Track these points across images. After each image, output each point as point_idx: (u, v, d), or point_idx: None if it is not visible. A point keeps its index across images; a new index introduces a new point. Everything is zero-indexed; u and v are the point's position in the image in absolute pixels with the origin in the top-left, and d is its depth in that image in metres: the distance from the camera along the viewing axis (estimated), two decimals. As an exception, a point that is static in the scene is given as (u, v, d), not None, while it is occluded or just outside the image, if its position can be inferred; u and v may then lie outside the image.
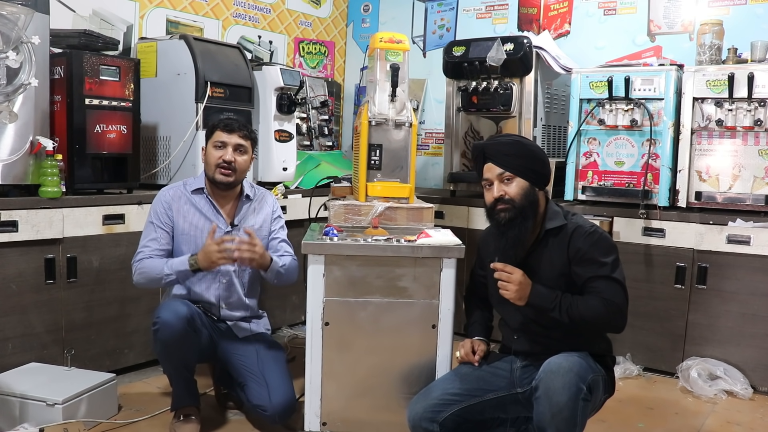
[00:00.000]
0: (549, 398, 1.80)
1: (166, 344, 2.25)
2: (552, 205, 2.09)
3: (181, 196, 2.49)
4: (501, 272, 1.96)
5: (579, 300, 1.94)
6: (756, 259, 2.92)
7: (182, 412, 2.37)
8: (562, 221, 2.03)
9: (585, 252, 1.96)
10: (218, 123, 2.48)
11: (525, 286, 1.95)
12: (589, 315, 1.92)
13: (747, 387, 2.92)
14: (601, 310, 1.92)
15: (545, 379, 1.83)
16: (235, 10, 4.11)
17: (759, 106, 2.91)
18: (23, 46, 2.45)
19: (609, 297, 1.93)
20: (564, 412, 1.78)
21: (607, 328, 2.03)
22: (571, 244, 1.98)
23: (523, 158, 2.03)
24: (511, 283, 1.94)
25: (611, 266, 1.96)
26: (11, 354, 2.57)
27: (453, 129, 3.78)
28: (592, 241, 1.97)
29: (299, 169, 3.79)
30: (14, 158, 2.52)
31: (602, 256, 1.96)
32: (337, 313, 2.26)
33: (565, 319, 1.93)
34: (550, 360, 1.89)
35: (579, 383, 1.81)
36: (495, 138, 2.20)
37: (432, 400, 2.04)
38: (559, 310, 1.93)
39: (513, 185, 2.00)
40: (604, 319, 1.94)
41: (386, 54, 2.58)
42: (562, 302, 1.94)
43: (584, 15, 4.00)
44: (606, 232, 2.04)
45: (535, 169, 2.03)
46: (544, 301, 1.95)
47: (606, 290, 1.94)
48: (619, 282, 1.96)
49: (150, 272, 2.36)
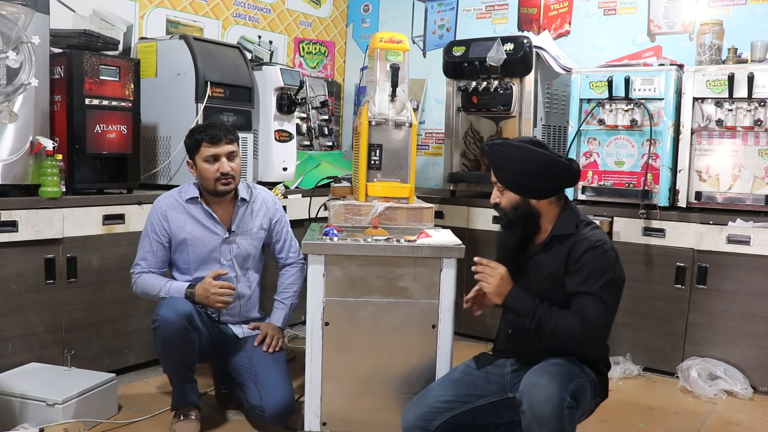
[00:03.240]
0: (533, 412, 1.78)
1: (165, 341, 2.25)
2: (568, 210, 2.02)
3: (177, 205, 2.50)
4: (485, 266, 1.96)
5: (557, 313, 1.89)
6: (756, 259, 2.92)
7: (182, 412, 2.37)
8: (571, 229, 1.96)
9: (582, 265, 1.89)
10: (200, 137, 2.43)
11: (506, 283, 1.95)
12: (560, 330, 1.87)
13: (747, 387, 2.91)
14: (573, 327, 1.86)
15: (527, 393, 1.81)
16: (235, 10, 4.11)
17: (759, 106, 2.91)
18: (23, 46, 2.45)
19: (589, 315, 1.85)
20: (550, 423, 1.76)
21: (575, 347, 1.91)
22: (571, 254, 1.93)
23: (515, 174, 1.98)
24: (492, 277, 1.94)
25: (602, 284, 1.87)
26: (11, 354, 2.57)
27: (453, 129, 3.78)
28: (593, 255, 1.89)
29: (299, 169, 3.79)
30: (14, 158, 2.52)
31: (597, 273, 1.88)
32: (337, 313, 2.26)
33: (533, 326, 1.89)
34: (531, 371, 1.87)
35: (561, 394, 1.78)
36: (499, 143, 2.05)
37: (424, 407, 2.04)
38: (531, 317, 1.89)
39: (505, 196, 2.02)
40: (575, 337, 1.86)
41: (386, 54, 2.58)
42: (537, 310, 1.90)
43: (584, 15, 4.00)
44: (613, 251, 1.93)
45: (527, 185, 1.97)
46: (521, 305, 1.93)
47: (588, 307, 1.86)
48: (605, 302, 1.86)
49: (148, 290, 2.45)
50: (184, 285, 2.41)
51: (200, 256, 2.49)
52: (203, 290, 2.36)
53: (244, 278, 2.56)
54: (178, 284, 2.42)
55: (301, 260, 2.64)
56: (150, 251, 2.48)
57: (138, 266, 2.49)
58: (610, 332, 1.96)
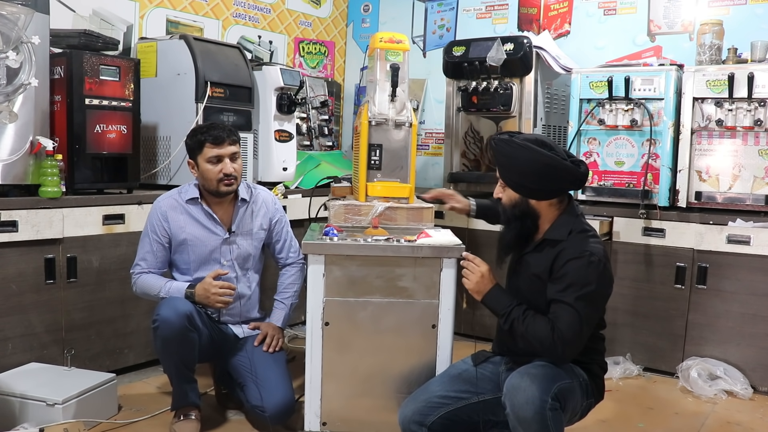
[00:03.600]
0: (516, 415, 1.79)
1: (166, 341, 2.25)
2: (568, 215, 1.99)
3: (177, 206, 2.50)
4: (469, 262, 2.01)
5: (530, 318, 1.89)
6: (756, 259, 2.92)
7: (182, 412, 2.38)
8: (562, 236, 1.94)
9: (562, 274, 1.87)
10: (203, 137, 2.42)
11: (486, 282, 1.98)
12: (531, 334, 1.87)
13: (747, 387, 2.92)
14: (543, 334, 1.85)
15: (509, 395, 1.82)
16: (235, 10, 4.11)
17: (759, 106, 2.91)
18: (23, 46, 2.45)
19: (560, 325, 1.84)
20: (533, 426, 1.77)
21: (545, 354, 1.89)
22: (557, 260, 1.91)
23: (516, 173, 1.98)
24: (474, 274, 1.98)
25: (579, 296, 1.83)
26: (11, 354, 2.57)
27: (453, 129, 3.78)
28: (576, 265, 1.86)
29: (299, 169, 3.79)
30: (14, 158, 2.52)
31: (575, 283, 1.84)
32: (337, 313, 2.26)
33: (506, 327, 1.92)
34: (513, 374, 1.87)
35: (542, 396, 1.77)
36: (501, 141, 2.03)
37: (420, 403, 2.06)
38: (505, 318, 1.92)
39: (506, 193, 2.04)
40: (543, 345, 1.85)
41: (386, 54, 2.57)
42: (512, 312, 1.92)
43: (584, 15, 4.00)
44: (600, 264, 1.87)
45: (526, 185, 1.97)
46: (497, 305, 1.97)
47: (561, 317, 1.84)
48: (579, 313, 1.83)
49: (147, 290, 2.45)
50: (184, 285, 2.41)
51: (200, 256, 2.49)
52: (203, 290, 2.36)
53: (244, 278, 2.56)
54: (178, 284, 2.42)
55: (301, 260, 2.64)
56: (150, 251, 2.48)
57: (138, 266, 2.49)
58: (583, 344, 1.89)
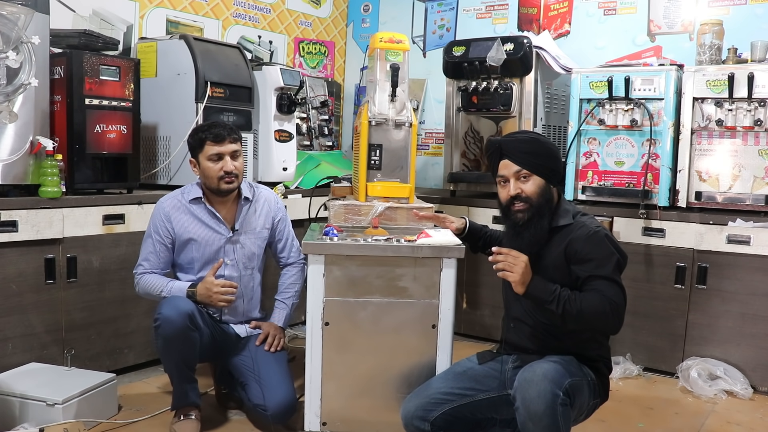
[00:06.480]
0: (527, 408, 1.79)
1: (167, 340, 2.25)
2: (563, 202, 2.08)
3: (180, 206, 2.50)
4: (506, 254, 1.91)
5: (578, 295, 1.90)
6: (756, 259, 2.92)
7: (182, 412, 2.37)
8: (569, 220, 2.02)
9: (586, 253, 1.94)
10: (204, 135, 2.43)
11: (529, 271, 1.92)
12: (587, 310, 1.87)
13: (747, 387, 2.92)
14: (600, 306, 1.87)
15: (520, 389, 1.82)
16: (235, 10, 4.11)
17: (759, 106, 2.91)
18: (23, 46, 2.45)
19: (609, 296, 1.89)
20: (543, 420, 1.77)
21: (603, 327, 1.95)
22: (570, 244, 1.96)
23: (541, 156, 2.02)
24: (517, 266, 1.89)
25: (611, 268, 1.92)
26: (11, 354, 2.57)
27: (453, 129, 3.78)
28: (593, 242, 1.94)
29: (299, 169, 3.79)
30: (14, 158, 2.52)
31: (603, 257, 1.93)
32: (337, 313, 2.26)
33: (559, 311, 1.87)
34: (525, 369, 1.88)
35: (554, 389, 1.78)
36: (512, 135, 2.17)
37: (424, 398, 2.06)
38: (556, 303, 1.88)
39: (530, 183, 2.00)
40: (603, 316, 1.88)
41: (386, 54, 2.58)
42: (560, 295, 1.89)
43: (584, 15, 4.00)
44: (610, 235, 2.02)
45: (552, 167, 2.04)
46: (543, 293, 1.91)
47: (607, 289, 1.90)
48: (619, 284, 1.93)
49: (150, 290, 2.45)
50: (185, 285, 2.41)
51: (204, 256, 2.49)
52: (205, 289, 2.36)
53: (248, 277, 2.56)
54: (179, 284, 2.43)
55: (302, 260, 2.64)
56: (153, 252, 2.48)
57: (141, 267, 2.49)
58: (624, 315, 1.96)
